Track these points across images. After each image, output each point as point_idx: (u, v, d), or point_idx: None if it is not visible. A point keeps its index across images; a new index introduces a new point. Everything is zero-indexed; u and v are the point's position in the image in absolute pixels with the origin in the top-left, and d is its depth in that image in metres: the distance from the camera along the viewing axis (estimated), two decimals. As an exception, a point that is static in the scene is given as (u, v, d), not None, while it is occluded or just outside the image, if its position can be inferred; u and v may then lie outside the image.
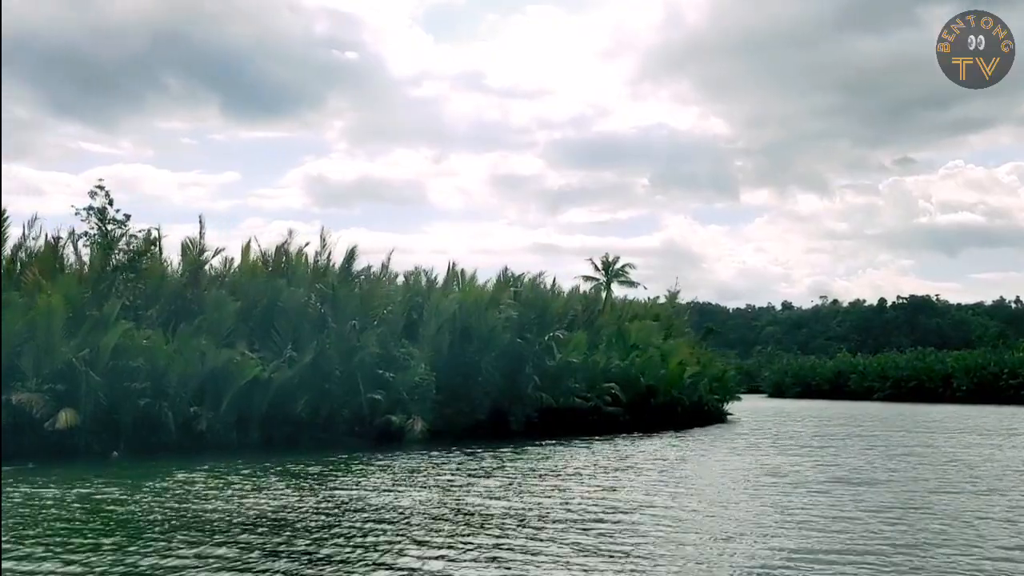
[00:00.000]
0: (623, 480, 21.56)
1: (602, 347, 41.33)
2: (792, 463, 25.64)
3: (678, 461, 26.43)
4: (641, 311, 52.88)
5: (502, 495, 18.58)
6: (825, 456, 28.13)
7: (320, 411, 30.20)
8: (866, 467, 24.75)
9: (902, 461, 26.52)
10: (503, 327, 35.75)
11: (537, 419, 36.34)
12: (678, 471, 23.76)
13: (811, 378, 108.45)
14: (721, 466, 25.07)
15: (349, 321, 31.63)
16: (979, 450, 30.61)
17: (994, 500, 18.49)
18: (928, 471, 23.88)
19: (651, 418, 40.33)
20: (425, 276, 38.00)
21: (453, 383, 34.43)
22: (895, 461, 26.47)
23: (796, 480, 21.62)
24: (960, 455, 28.60)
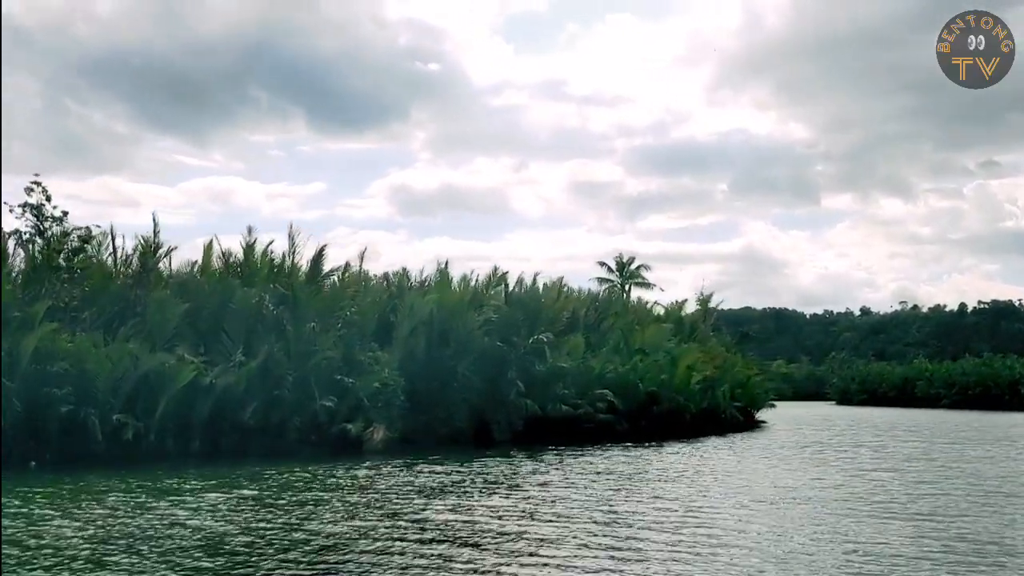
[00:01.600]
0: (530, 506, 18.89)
1: (604, 351, 38.53)
2: (787, 479, 22.67)
3: (625, 482, 23.54)
4: (664, 314, 49.49)
5: (365, 519, 16.12)
6: (826, 470, 25.02)
7: (271, 419, 28.05)
8: (863, 486, 21.63)
9: (920, 482, 23.28)
10: (482, 329, 33.26)
11: (522, 428, 33.80)
12: (606, 500, 20.95)
13: (878, 385, 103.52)
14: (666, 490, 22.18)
15: (309, 324, 29.47)
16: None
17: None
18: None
19: (653, 426, 37.39)
20: (406, 276, 35.56)
21: (429, 389, 32.17)
22: (907, 479, 23.28)
23: (773, 500, 18.72)
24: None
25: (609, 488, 20.40)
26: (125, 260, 29.47)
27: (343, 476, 22.58)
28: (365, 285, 33.87)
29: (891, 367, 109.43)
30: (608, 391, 35.65)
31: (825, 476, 23.44)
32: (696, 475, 23.59)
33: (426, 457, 27.35)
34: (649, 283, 58.79)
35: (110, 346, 25.74)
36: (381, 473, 23.32)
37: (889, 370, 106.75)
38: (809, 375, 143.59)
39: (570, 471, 24.20)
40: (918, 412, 77.59)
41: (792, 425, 50.10)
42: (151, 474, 22.14)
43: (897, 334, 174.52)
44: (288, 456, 26.90)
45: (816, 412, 76.92)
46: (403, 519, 15.65)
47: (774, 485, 21.30)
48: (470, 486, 20.65)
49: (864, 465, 26.67)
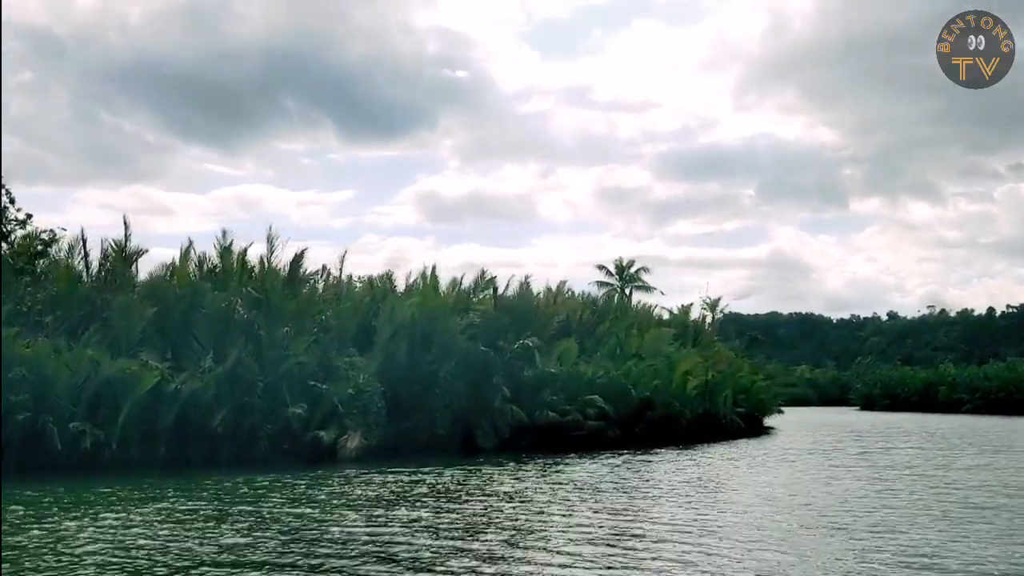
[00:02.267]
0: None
1: (597, 356, 37.36)
2: (747, 488, 21.46)
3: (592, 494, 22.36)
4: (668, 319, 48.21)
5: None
6: (797, 476, 23.77)
7: (242, 426, 27.13)
8: (823, 497, 20.38)
9: (888, 491, 21.97)
10: (465, 333, 32.23)
11: (508, 435, 32.69)
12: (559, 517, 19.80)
13: (900, 390, 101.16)
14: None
15: (282, 328, 28.57)
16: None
17: None
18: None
19: (647, 433, 36.16)
20: (390, 280, 34.54)
21: (411, 395, 31.14)
22: (876, 488, 21.97)
23: (718, 508, 17.55)
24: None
25: (559, 499, 19.31)
26: (101, 264, 28.72)
27: (296, 486, 21.61)
28: (347, 289, 32.80)
29: (914, 372, 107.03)
30: (598, 397, 34.47)
31: (792, 483, 22.26)
32: (649, 485, 22.39)
33: (400, 465, 26.40)
34: (649, 287, 57.35)
35: (71, 352, 24.93)
36: (338, 482, 22.35)
37: (912, 375, 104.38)
38: (834, 380, 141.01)
39: (534, 481, 23.10)
40: (938, 417, 75.57)
41: (798, 431, 48.59)
42: (99, 484, 21.29)
43: (925, 339, 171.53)
44: (258, 465, 26.03)
45: (832, 418, 75.09)
46: (305, 534, 14.70)
47: (719, 495, 20.10)
48: (423, 497, 19.65)
49: (838, 474, 25.34)
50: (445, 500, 19.17)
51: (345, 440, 27.93)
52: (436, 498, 19.51)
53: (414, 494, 20.13)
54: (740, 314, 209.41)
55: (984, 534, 14.83)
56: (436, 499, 19.37)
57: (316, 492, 20.38)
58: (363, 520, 16.18)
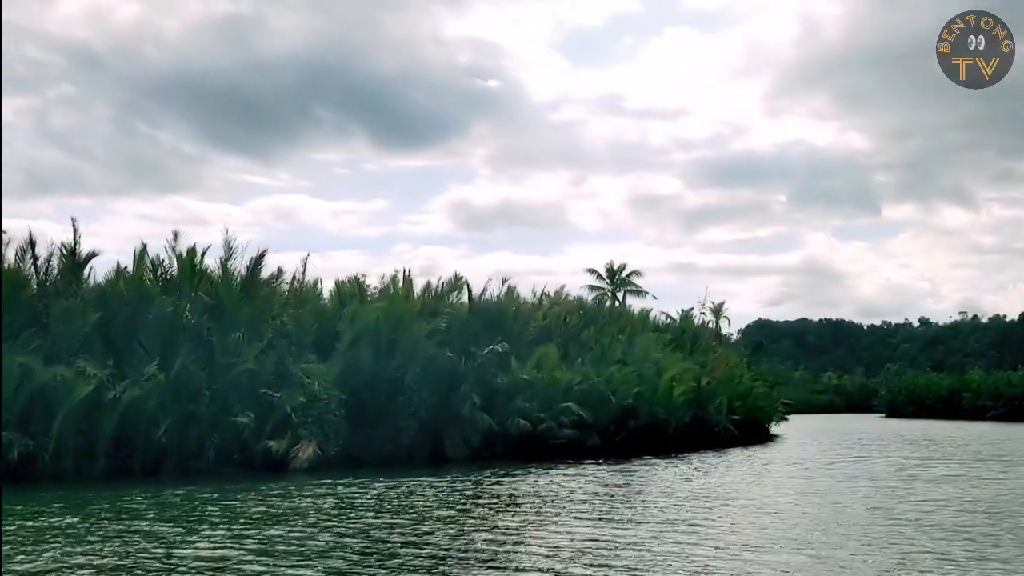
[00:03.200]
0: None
1: (578, 362, 35.73)
2: (703, 502, 19.77)
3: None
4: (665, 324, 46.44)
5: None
6: (764, 491, 22.05)
7: (188, 436, 25.82)
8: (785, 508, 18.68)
9: (846, 507, 20.20)
10: (433, 339, 30.79)
11: (479, 444, 31.19)
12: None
13: (925, 397, 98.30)
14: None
15: (234, 334, 27.25)
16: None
17: None
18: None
19: (629, 441, 34.47)
20: (358, 284, 33.05)
21: (375, 403, 29.72)
22: (842, 500, 20.20)
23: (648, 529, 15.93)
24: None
25: (478, 516, 17.76)
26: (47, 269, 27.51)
27: (210, 500, 20.25)
28: (312, 294, 31.40)
29: (939, 378, 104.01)
30: (573, 404, 32.83)
31: (754, 497, 20.52)
32: (573, 498, 20.77)
33: (355, 476, 25.14)
34: (642, 290, 55.34)
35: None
36: (267, 495, 20.96)
37: (936, 381, 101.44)
38: (862, 387, 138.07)
39: (470, 495, 21.55)
40: (957, 425, 72.94)
41: (797, 441, 46.51)
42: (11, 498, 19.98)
43: (956, 345, 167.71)
44: (204, 477, 24.80)
45: (847, 426, 72.67)
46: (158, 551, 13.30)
47: (666, 513, 18.43)
48: (344, 512, 18.21)
49: (815, 485, 23.60)
50: (353, 516, 17.69)
51: (297, 450, 26.51)
52: (347, 512, 18.07)
53: (320, 509, 18.70)
54: (770, 320, 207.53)
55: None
56: (342, 513, 17.94)
57: (216, 508, 18.96)
58: (220, 539, 14.79)
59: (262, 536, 15.15)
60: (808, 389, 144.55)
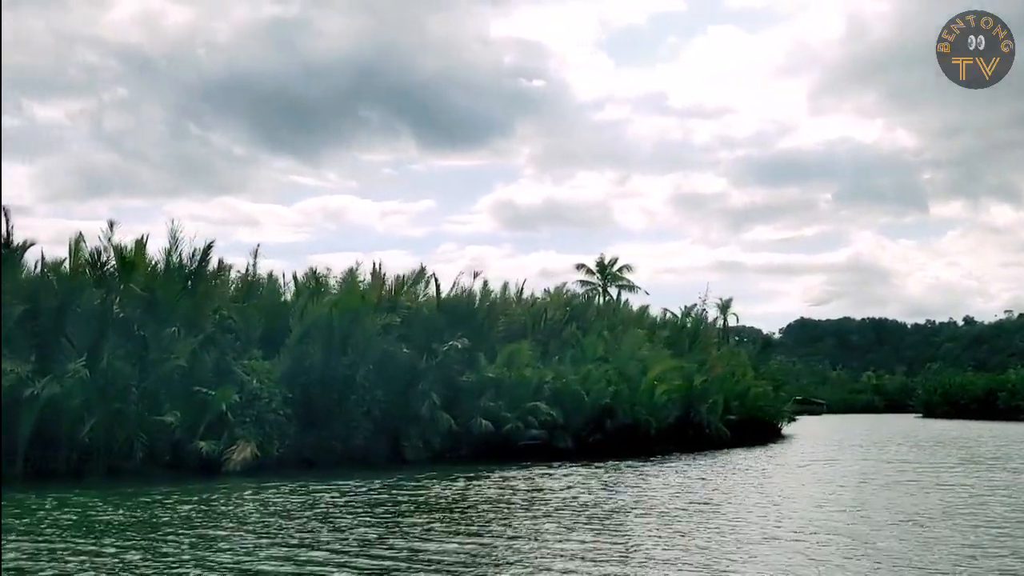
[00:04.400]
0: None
1: (556, 360, 33.61)
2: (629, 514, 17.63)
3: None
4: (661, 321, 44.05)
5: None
6: (718, 496, 19.81)
7: (116, 435, 24.16)
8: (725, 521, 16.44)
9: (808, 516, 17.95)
10: (392, 335, 28.90)
11: (439, 446, 29.27)
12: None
13: (960, 397, 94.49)
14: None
15: (170, 328, 25.56)
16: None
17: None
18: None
19: (606, 443, 32.30)
20: (315, 278, 31.15)
21: (327, 402, 27.89)
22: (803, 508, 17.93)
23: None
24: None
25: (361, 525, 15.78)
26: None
27: (94, 505, 18.50)
28: (264, 287, 29.60)
29: (975, 378, 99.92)
30: (542, 404, 30.76)
31: (703, 506, 18.29)
32: (514, 503, 18.67)
33: (295, 479, 23.44)
34: (634, 285, 52.70)
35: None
36: (160, 502, 19.17)
37: (972, 381, 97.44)
38: (902, 387, 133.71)
39: (379, 501, 19.56)
40: (992, 426, 69.46)
41: (804, 442, 43.90)
42: None
43: (1000, 344, 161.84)
44: (132, 478, 23.14)
45: (873, 426, 69.49)
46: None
47: (526, 521, 16.27)
48: (207, 519, 16.33)
49: (784, 493, 21.32)
50: (232, 525, 15.80)
51: (232, 451, 24.75)
52: (217, 521, 16.19)
53: (189, 519, 16.83)
54: (812, 319, 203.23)
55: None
56: (211, 522, 16.07)
57: (74, 515, 17.13)
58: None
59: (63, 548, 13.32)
60: (847, 389, 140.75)
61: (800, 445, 40.38)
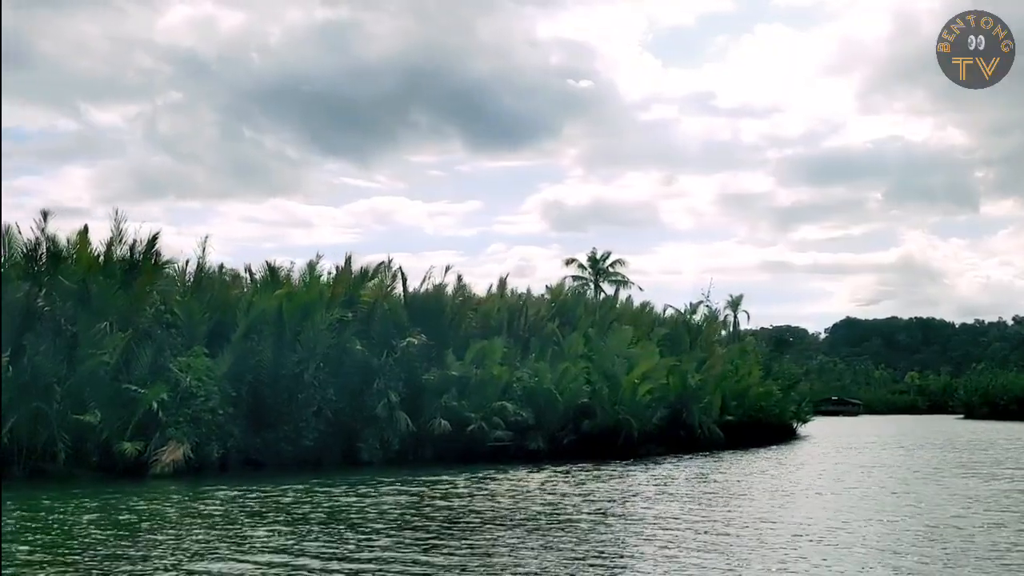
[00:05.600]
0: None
1: (532, 358, 31.43)
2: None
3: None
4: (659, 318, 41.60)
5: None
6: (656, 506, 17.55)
7: (39, 436, 22.50)
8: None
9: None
10: (342, 330, 26.97)
11: (399, 447, 27.31)
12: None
13: (1000, 398, 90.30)
14: None
15: (101, 323, 23.88)
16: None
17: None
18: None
19: (582, 445, 30.09)
20: (271, 271, 29.19)
21: (277, 402, 26.04)
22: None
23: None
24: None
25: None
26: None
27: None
28: (212, 281, 27.79)
29: (1017, 378, 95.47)
30: (508, 404, 28.61)
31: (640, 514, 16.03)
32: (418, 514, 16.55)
33: (225, 483, 21.86)
34: (627, 280, 50.00)
35: None
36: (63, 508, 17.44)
37: (1013, 381, 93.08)
38: (945, 387, 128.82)
39: (268, 507, 17.55)
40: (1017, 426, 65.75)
41: (812, 445, 41.15)
42: None
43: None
44: (53, 481, 21.52)
45: (902, 428, 66.02)
46: None
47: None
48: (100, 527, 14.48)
49: (729, 514, 18.95)
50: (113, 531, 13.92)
51: (160, 453, 22.99)
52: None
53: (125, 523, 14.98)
54: (858, 319, 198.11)
55: None
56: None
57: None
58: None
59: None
60: (889, 389, 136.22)
61: (803, 449, 37.62)
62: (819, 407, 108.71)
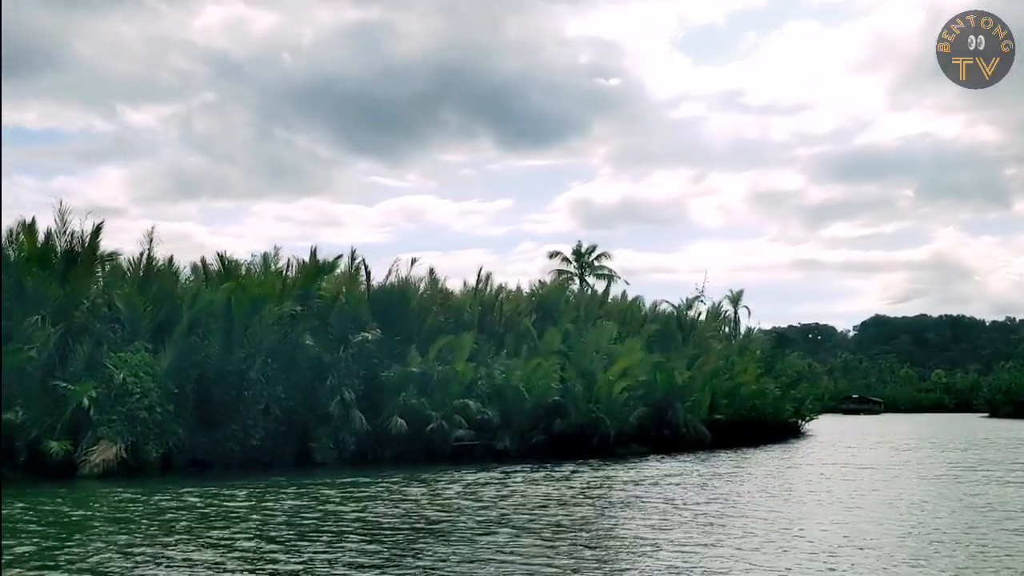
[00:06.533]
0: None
1: (504, 354, 29.80)
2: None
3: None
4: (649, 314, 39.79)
5: None
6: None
7: (-38, 434, 21.24)
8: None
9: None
10: (292, 325, 25.50)
11: (353, 446, 25.83)
12: None
13: (1021, 394, 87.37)
14: None
15: (33, 317, 22.56)
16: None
17: None
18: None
19: (557, 443, 28.44)
20: (222, 262, 27.58)
21: (223, 399, 24.64)
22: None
23: None
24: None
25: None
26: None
27: None
28: (164, 273, 26.34)
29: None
30: (472, 402, 26.97)
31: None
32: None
33: (162, 484, 20.67)
34: (613, 274, 47.90)
35: None
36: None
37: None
38: (973, 385, 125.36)
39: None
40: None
41: (808, 446, 39.11)
42: None
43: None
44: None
45: (915, 427, 63.49)
46: None
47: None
48: None
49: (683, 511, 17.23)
50: None
51: (88, 453, 21.63)
52: None
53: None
54: (887, 317, 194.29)
55: None
56: None
57: None
58: None
59: None
60: (915, 388, 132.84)
61: (793, 449, 35.53)
62: (840, 405, 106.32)
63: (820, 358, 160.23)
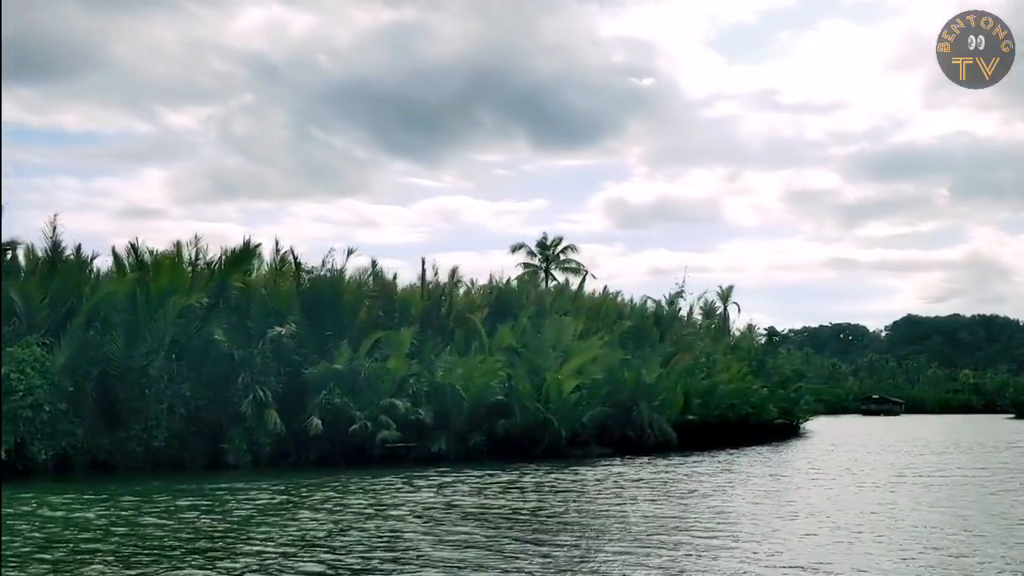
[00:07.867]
0: None
1: (447, 351, 27.49)
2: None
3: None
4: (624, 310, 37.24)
5: None
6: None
7: None
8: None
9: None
10: (203, 319, 23.39)
11: (269, 448, 23.66)
12: None
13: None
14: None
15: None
16: None
17: None
18: None
19: (499, 446, 26.09)
20: (134, 254, 25.31)
21: (127, 397, 22.59)
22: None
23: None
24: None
25: None
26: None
27: None
28: (73, 266, 24.34)
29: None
30: (400, 401, 24.65)
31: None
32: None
33: (45, 489, 18.61)
34: (579, 267, 45.15)
35: None
36: None
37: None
38: (1002, 386, 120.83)
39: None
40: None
41: (795, 450, 36.25)
42: None
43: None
44: None
45: (932, 429, 60.10)
46: None
47: None
48: None
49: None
50: None
51: (-40, 455, 19.68)
52: None
53: None
54: (919, 316, 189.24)
55: None
56: None
57: None
58: None
59: None
60: (943, 388, 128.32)
61: (766, 454, 32.51)
62: (860, 406, 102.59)
63: (850, 358, 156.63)
